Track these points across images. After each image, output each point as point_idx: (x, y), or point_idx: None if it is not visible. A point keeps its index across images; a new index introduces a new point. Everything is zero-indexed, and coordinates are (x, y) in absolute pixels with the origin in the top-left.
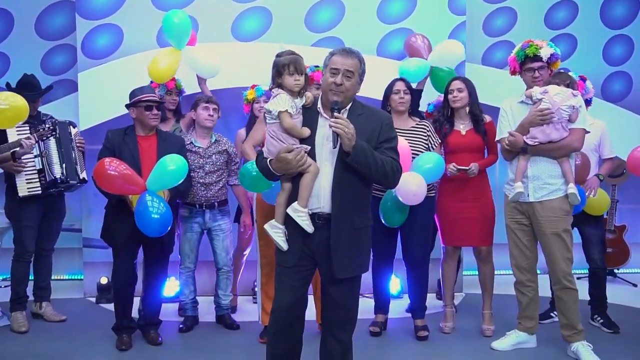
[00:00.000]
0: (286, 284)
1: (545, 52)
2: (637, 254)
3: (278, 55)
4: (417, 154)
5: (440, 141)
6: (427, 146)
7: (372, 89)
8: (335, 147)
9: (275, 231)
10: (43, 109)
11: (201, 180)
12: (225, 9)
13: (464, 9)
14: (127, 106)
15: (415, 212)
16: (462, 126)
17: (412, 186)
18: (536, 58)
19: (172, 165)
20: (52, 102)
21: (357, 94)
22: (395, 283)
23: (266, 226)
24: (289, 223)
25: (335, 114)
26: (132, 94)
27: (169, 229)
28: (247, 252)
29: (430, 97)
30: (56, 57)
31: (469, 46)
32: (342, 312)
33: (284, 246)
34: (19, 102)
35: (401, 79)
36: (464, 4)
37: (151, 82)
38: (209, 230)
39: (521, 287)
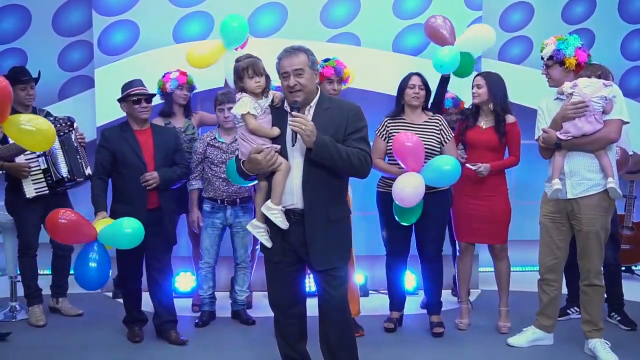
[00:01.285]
0: (276, 279)
1: (545, 52)
2: None
3: (237, 60)
4: (430, 149)
5: (454, 135)
6: (439, 140)
7: (388, 84)
8: (293, 145)
9: (258, 230)
10: (61, 105)
11: (223, 176)
12: (242, 5)
13: (480, 3)
14: (119, 100)
15: (430, 207)
16: (484, 122)
17: (407, 187)
18: (543, 57)
19: (129, 229)
20: (69, 98)
21: (375, 90)
22: (411, 279)
23: (248, 226)
24: (270, 221)
25: (293, 112)
26: (123, 89)
27: (104, 284)
28: (258, 246)
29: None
30: (73, 53)
31: None
32: (330, 297)
33: (268, 244)
34: (43, 124)
35: (417, 74)
36: None
37: (168, 73)
38: (230, 226)
39: (544, 285)
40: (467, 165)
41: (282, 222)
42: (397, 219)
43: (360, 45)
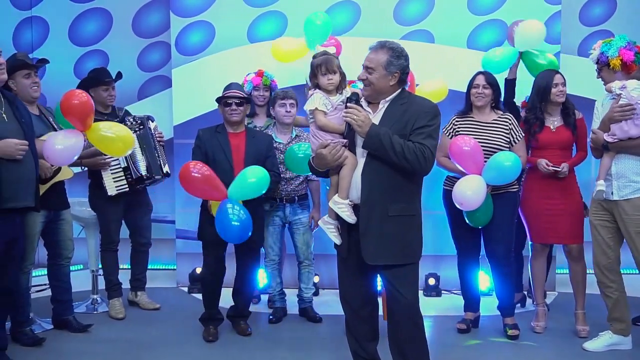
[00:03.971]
0: (344, 276)
1: (592, 57)
2: None
3: (313, 57)
4: (498, 149)
5: (524, 135)
6: (508, 140)
7: (461, 82)
8: (344, 136)
9: (328, 227)
10: (140, 104)
11: (282, 175)
12: (315, 3)
13: None
14: (216, 101)
15: (497, 207)
16: (552, 123)
17: (467, 191)
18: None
19: (253, 177)
20: (148, 98)
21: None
22: (485, 280)
23: (320, 222)
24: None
25: (348, 104)
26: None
27: (249, 234)
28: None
29: (524, 84)
30: (152, 54)
31: (565, 37)
32: (396, 296)
33: (336, 240)
34: (122, 131)
35: (482, 73)
36: None
37: (247, 75)
38: (290, 224)
39: (603, 287)
40: (550, 167)
41: (348, 216)
42: (467, 221)
43: (433, 43)
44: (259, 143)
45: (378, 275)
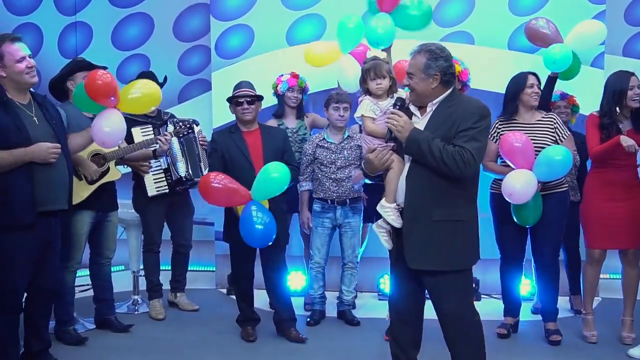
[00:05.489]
0: (393, 280)
1: None
2: None
3: (364, 62)
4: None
5: (569, 133)
6: (554, 139)
7: (503, 83)
8: (386, 141)
9: (380, 231)
10: (180, 107)
11: (332, 176)
12: (355, 5)
13: None
14: (227, 101)
15: (546, 208)
16: (624, 126)
17: (516, 183)
18: None
19: (275, 173)
20: (188, 101)
21: (490, 90)
22: (525, 284)
23: (373, 226)
24: None
25: (391, 109)
26: (233, 90)
27: (273, 238)
28: None
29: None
30: (192, 58)
31: (609, 36)
32: (442, 305)
33: (387, 245)
34: (152, 88)
35: (532, 73)
36: None
37: (281, 75)
38: (339, 227)
39: None
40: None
41: (394, 220)
42: (514, 219)
43: (474, 44)
44: (275, 138)
45: None
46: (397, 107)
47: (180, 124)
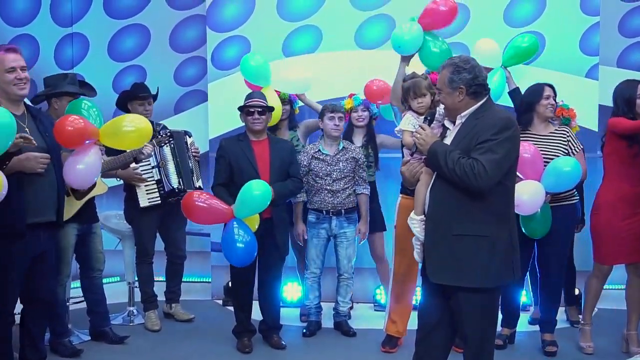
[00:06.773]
0: (422, 291)
1: None
2: None
3: (403, 80)
4: None
5: (582, 147)
6: (566, 152)
7: (495, 94)
8: (411, 154)
9: (416, 243)
10: (176, 119)
11: (328, 187)
12: (350, 16)
13: (597, 9)
14: (239, 109)
15: (555, 219)
16: None
17: (523, 194)
18: None
19: (257, 190)
20: (184, 112)
21: None
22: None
23: (412, 239)
24: None
25: (420, 123)
26: (245, 100)
27: (254, 257)
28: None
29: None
30: (188, 69)
31: (603, 48)
32: (464, 328)
33: (417, 258)
34: (143, 123)
35: (549, 84)
36: (598, 4)
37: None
38: (334, 237)
39: None
40: None
41: (419, 232)
42: (523, 230)
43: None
44: (282, 150)
45: None
46: (427, 120)
47: (162, 132)
